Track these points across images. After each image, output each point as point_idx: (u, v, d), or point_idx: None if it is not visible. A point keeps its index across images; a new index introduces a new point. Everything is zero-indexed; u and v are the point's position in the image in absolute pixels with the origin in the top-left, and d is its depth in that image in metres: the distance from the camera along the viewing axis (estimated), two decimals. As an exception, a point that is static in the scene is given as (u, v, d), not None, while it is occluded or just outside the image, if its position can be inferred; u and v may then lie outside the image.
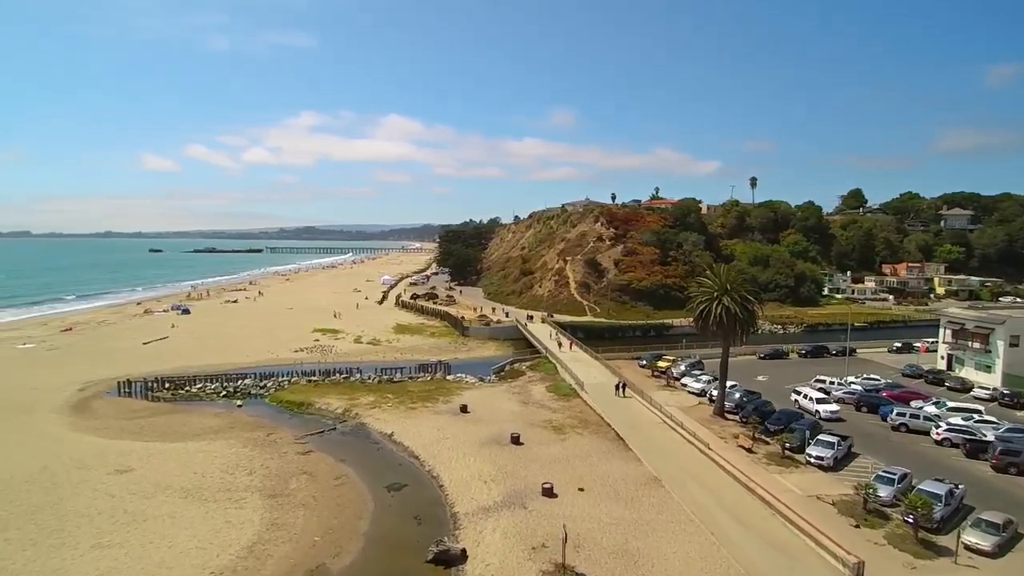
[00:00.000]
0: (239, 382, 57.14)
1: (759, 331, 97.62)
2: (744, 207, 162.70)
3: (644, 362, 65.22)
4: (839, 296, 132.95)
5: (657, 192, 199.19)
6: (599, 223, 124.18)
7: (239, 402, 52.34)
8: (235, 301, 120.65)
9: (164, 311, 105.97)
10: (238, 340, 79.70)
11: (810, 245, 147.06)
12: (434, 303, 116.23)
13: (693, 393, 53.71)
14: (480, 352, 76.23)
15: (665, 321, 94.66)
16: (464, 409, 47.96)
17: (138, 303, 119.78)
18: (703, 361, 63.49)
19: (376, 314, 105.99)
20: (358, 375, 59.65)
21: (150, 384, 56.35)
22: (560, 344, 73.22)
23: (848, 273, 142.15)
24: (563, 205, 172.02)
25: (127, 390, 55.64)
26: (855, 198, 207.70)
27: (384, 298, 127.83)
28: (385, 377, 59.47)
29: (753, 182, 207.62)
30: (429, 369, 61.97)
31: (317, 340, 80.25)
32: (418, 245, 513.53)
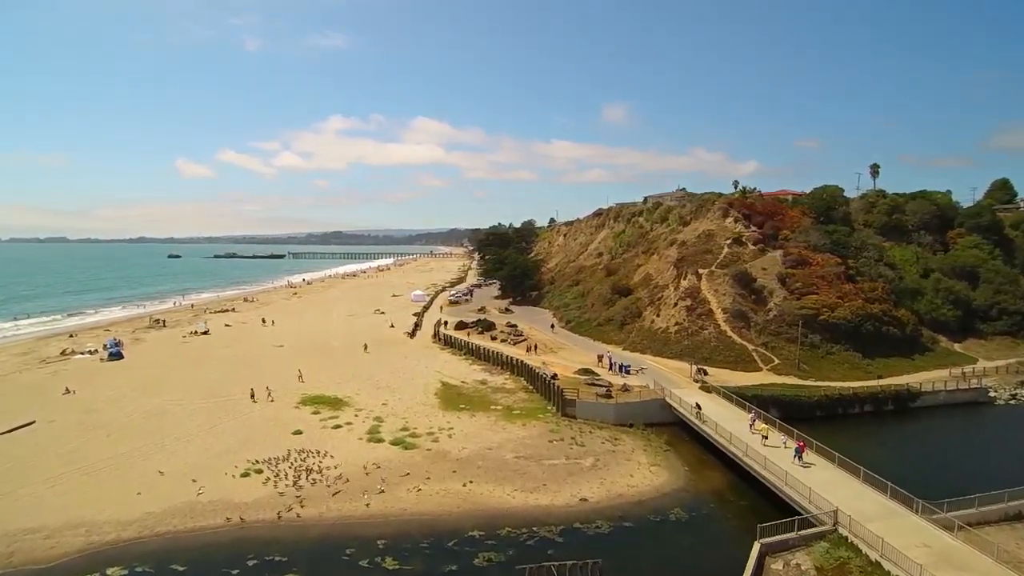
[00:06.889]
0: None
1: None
2: (893, 199, 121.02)
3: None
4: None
5: (737, 186, 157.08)
6: (730, 218, 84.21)
7: None
8: (206, 332, 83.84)
9: (90, 352, 70.18)
10: (155, 436, 42.70)
11: (994, 251, 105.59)
12: (491, 336, 78.39)
13: None
14: (620, 472, 37.26)
15: (908, 384, 54.60)
16: None
17: (71, 335, 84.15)
18: None
19: (406, 359, 68.18)
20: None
21: None
22: (798, 456, 34.53)
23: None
24: (645, 198, 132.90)
25: None
26: (1004, 190, 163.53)
27: (417, 327, 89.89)
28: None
29: (875, 170, 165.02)
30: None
31: (299, 434, 42.67)
32: (447, 250, 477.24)
